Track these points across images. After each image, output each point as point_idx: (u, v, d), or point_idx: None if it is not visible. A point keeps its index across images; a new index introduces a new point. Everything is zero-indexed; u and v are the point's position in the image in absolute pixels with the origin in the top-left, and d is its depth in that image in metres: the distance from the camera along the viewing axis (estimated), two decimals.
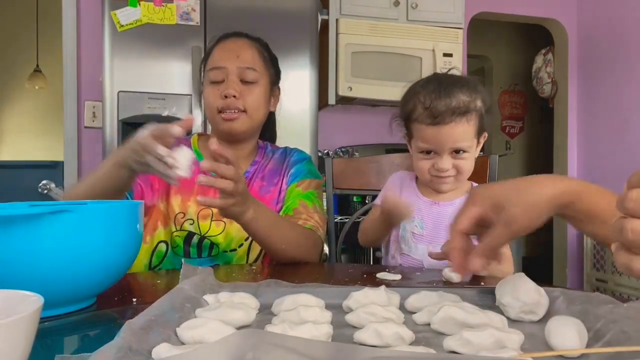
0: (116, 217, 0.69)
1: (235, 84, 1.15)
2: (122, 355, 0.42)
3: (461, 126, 1.04)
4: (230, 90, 1.14)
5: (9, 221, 0.60)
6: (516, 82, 5.40)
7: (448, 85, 1.07)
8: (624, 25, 3.18)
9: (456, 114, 1.03)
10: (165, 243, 1.15)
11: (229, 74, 1.16)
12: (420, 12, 2.85)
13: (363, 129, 3.16)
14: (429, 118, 1.05)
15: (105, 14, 2.18)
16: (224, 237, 1.15)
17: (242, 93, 1.15)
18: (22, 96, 5.64)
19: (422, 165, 1.11)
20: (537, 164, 5.21)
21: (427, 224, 1.12)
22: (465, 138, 1.06)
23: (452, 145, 1.06)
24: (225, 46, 1.20)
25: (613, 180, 3.23)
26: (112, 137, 2.19)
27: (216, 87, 1.16)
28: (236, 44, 1.20)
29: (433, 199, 1.14)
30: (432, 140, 1.06)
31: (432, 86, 1.08)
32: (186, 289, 0.62)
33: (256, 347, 0.39)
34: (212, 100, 1.16)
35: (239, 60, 1.17)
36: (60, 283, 0.63)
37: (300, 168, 1.24)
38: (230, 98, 1.14)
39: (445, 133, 1.05)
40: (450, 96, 1.04)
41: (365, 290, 0.65)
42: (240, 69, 1.16)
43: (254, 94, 1.17)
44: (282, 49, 2.37)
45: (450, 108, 1.03)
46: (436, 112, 1.04)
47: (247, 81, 1.17)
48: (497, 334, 0.49)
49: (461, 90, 1.06)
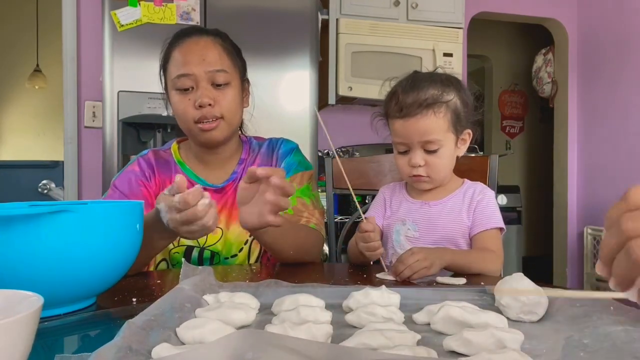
0: (116, 217, 0.69)
1: (208, 90, 1.08)
2: (122, 355, 0.42)
3: (428, 119, 1.05)
4: (205, 99, 1.07)
5: (9, 221, 0.60)
6: (516, 82, 5.40)
7: (421, 80, 1.08)
8: (624, 25, 3.18)
9: (422, 107, 1.04)
10: (165, 261, 1.15)
11: (199, 81, 1.08)
12: (420, 12, 2.85)
13: (363, 129, 3.14)
14: (397, 112, 1.07)
15: (105, 14, 2.18)
16: (222, 244, 1.14)
17: (216, 99, 1.09)
18: (22, 96, 5.64)
19: (399, 163, 1.12)
20: (537, 164, 5.21)
21: (420, 226, 1.12)
22: (433, 131, 1.06)
23: (420, 138, 1.06)
24: (187, 48, 1.11)
25: (613, 180, 3.23)
26: (112, 137, 2.18)
27: (185, 95, 1.09)
28: (198, 45, 1.11)
29: (423, 200, 1.14)
30: (401, 133, 1.07)
31: (405, 81, 1.10)
32: (186, 289, 0.62)
33: (256, 347, 0.39)
34: (184, 110, 1.09)
35: (206, 64, 1.08)
36: (60, 283, 0.63)
37: (290, 161, 1.21)
38: (205, 107, 1.08)
39: (411, 125, 1.05)
40: (419, 90, 1.06)
41: (365, 290, 0.65)
42: (210, 73, 1.09)
43: (229, 97, 1.11)
44: (282, 49, 2.38)
45: (417, 101, 1.05)
46: (403, 104, 1.05)
47: (219, 84, 1.10)
48: (497, 334, 0.49)
49: (432, 84, 1.07)
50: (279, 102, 2.32)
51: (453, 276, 0.89)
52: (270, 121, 2.03)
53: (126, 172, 1.15)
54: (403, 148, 1.09)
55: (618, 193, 0.51)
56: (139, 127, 2.28)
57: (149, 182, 1.14)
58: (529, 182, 5.29)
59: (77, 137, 2.71)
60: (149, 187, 1.13)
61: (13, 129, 5.74)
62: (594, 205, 3.42)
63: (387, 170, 1.47)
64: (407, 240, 1.12)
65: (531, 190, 5.12)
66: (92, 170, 2.67)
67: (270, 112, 2.22)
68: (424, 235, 1.10)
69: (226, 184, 1.17)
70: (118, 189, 1.11)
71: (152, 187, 1.14)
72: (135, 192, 1.11)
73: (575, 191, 3.58)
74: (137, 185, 1.12)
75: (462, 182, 1.17)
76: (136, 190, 1.11)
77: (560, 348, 0.51)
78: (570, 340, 0.52)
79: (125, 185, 1.12)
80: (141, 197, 1.11)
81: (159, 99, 2.22)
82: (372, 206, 1.24)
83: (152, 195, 1.13)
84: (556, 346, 0.52)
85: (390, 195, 1.21)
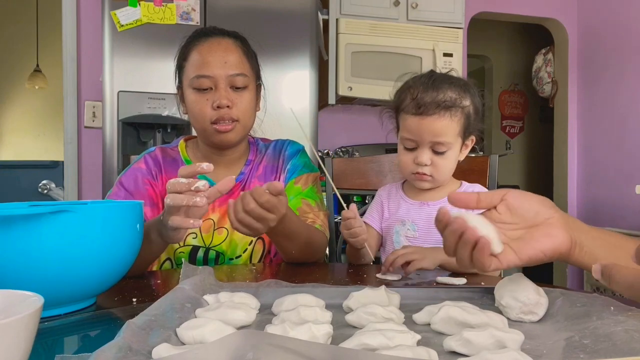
0: (116, 217, 0.69)
1: (227, 92, 1.09)
2: (122, 356, 0.41)
3: (444, 120, 1.05)
4: (224, 100, 1.08)
5: (9, 221, 0.60)
6: (516, 82, 5.40)
7: (439, 81, 1.09)
8: (624, 24, 3.18)
9: (440, 107, 1.05)
10: (170, 260, 1.15)
11: (219, 82, 1.09)
12: (420, 12, 2.85)
13: (363, 129, 3.16)
14: (413, 108, 1.07)
15: (105, 14, 2.18)
16: (227, 244, 1.14)
17: (233, 101, 1.10)
18: (22, 96, 5.64)
19: (404, 159, 1.12)
20: (537, 163, 5.21)
21: (420, 226, 1.12)
22: (447, 133, 1.06)
23: (432, 138, 1.06)
24: (209, 48, 1.11)
25: (613, 180, 3.23)
26: (112, 137, 2.19)
27: (203, 95, 1.10)
28: (220, 46, 1.11)
29: (422, 200, 1.15)
30: (414, 130, 1.07)
31: (424, 79, 1.10)
32: (186, 289, 0.62)
33: (256, 347, 0.39)
34: (201, 110, 1.10)
35: (227, 67, 1.09)
36: (60, 283, 0.63)
37: (295, 163, 1.21)
38: (223, 108, 1.08)
39: (426, 124, 1.06)
40: (438, 90, 1.06)
41: (365, 290, 0.65)
42: (231, 77, 1.09)
43: (245, 100, 1.12)
44: (282, 49, 2.38)
45: (436, 101, 1.05)
46: (422, 102, 1.06)
47: (237, 87, 1.11)
48: (498, 334, 0.49)
49: (451, 87, 1.08)
50: (279, 102, 2.32)
51: (453, 276, 0.89)
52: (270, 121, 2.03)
53: (133, 170, 1.14)
54: (411, 145, 1.09)
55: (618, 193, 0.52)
56: (139, 127, 2.28)
57: (156, 181, 1.14)
58: (529, 182, 5.29)
59: (77, 137, 2.72)
60: (155, 186, 1.13)
61: (13, 129, 5.74)
62: (594, 206, 3.42)
63: (387, 170, 1.47)
64: (407, 240, 1.12)
65: (531, 190, 5.02)
66: (92, 170, 2.67)
67: (270, 112, 2.22)
68: (423, 235, 1.11)
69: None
70: (124, 187, 1.11)
71: (158, 186, 1.14)
72: (141, 191, 1.11)
73: (575, 191, 3.58)
74: (143, 183, 1.12)
75: (459, 183, 1.17)
76: (142, 189, 1.11)
77: (561, 348, 0.51)
78: (570, 340, 0.52)
79: (132, 183, 1.12)
80: (146, 196, 1.11)
81: (159, 99, 2.24)
82: (369, 209, 1.24)
83: (158, 194, 1.13)
84: (556, 346, 0.51)
85: (388, 197, 1.21)
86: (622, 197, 3.13)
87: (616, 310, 0.56)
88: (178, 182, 0.82)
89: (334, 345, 0.50)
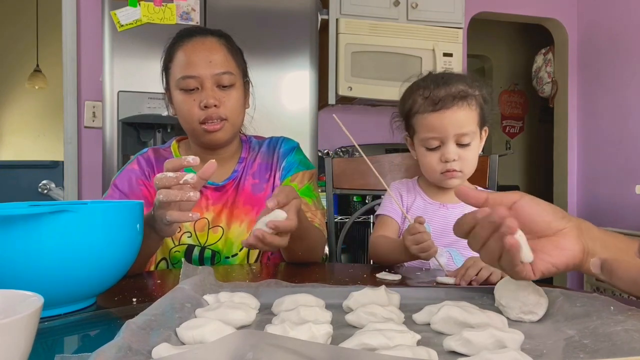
0: (116, 217, 0.69)
1: (214, 91, 1.09)
2: (122, 355, 0.41)
3: (463, 110, 1.06)
4: (211, 100, 1.07)
5: (9, 221, 0.60)
6: (516, 82, 5.40)
7: (446, 77, 1.09)
8: (624, 25, 3.18)
9: (457, 98, 1.05)
10: (165, 260, 1.15)
11: (205, 82, 1.09)
12: (420, 12, 2.85)
13: (363, 129, 3.15)
14: (430, 106, 1.06)
15: (105, 14, 2.18)
16: (223, 242, 1.14)
17: (221, 100, 1.09)
18: (22, 96, 5.64)
19: (429, 161, 1.10)
20: (537, 163, 5.21)
21: (434, 227, 1.11)
22: (469, 123, 1.06)
23: (457, 130, 1.06)
24: (193, 48, 1.10)
25: (613, 180, 3.23)
26: (112, 137, 2.19)
27: (190, 95, 1.09)
28: (204, 45, 1.11)
29: (441, 202, 1.14)
30: (436, 127, 1.07)
31: (429, 79, 1.10)
32: (186, 289, 0.62)
33: (256, 347, 0.39)
34: (189, 110, 1.09)
35: (212, 66, 1.09)
36: (60, 283, 0.63)
37: (291, 160, 1.21)
38: (211, 108, 1.08)
39: (448, 117, 1.05)
40: (449, 84, 1.07)
41: (365, 290, 0.65)
42: (216, 76, 1.09)
43: (233, 99, 1.11)
44: (282, 49, 2.38)
45: (451, 93, 1.05)
46: (437, 98, 1.05)
47: (224, 86, 1.10)
48: (498, 334, 0.49)
49: (460, 79, 1.08)
50: (279, 102, 2.33)
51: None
52: (270, 121, 2.03)
53: (126, 171, 1.15)
54: (436, 143, 1.08)
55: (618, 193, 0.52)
56: (138, 127, 2.28)
57: (149, 181, 1.14)
58: (529, 182, 5.29)
59: (77, 137, 2.72)
60: (149, 186, 1.14)
61: (13, 129, 5.74)
62: (594, 205, 3.42)
63: (387, 171, 1.47)
64: None
65: (531, 190, 5.08)
66: (92, 170, 2.67)
67: (270, 112, 2.22)
68: (436, 237, 1.09)
69: (226, 182, 1.17)
70: (118, 188, 1.11)
71: (152, 186, 1.14)
72: (136, 192, 1.11)
73: (575, 191, 3.58)
74: (137, 184, 1.12)
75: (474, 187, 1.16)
76: (136, 190, 1.12)
77: (561, 348, 0.51)
78: (570, 340, 0.52)
79: (126, 185, 1.12)
80: (141, 197, 1.11)
81: (159, 99, 2.23)
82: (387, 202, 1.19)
83: (152, 194, 1.12)
84: (556, 346, 0.52)
85: (407, 191, 1.20)
86: (622, 197, 3.13)
87: (616, 310, 0.56)
88: (166, 177, 0.83)
89: (333, 345, 0.50)
